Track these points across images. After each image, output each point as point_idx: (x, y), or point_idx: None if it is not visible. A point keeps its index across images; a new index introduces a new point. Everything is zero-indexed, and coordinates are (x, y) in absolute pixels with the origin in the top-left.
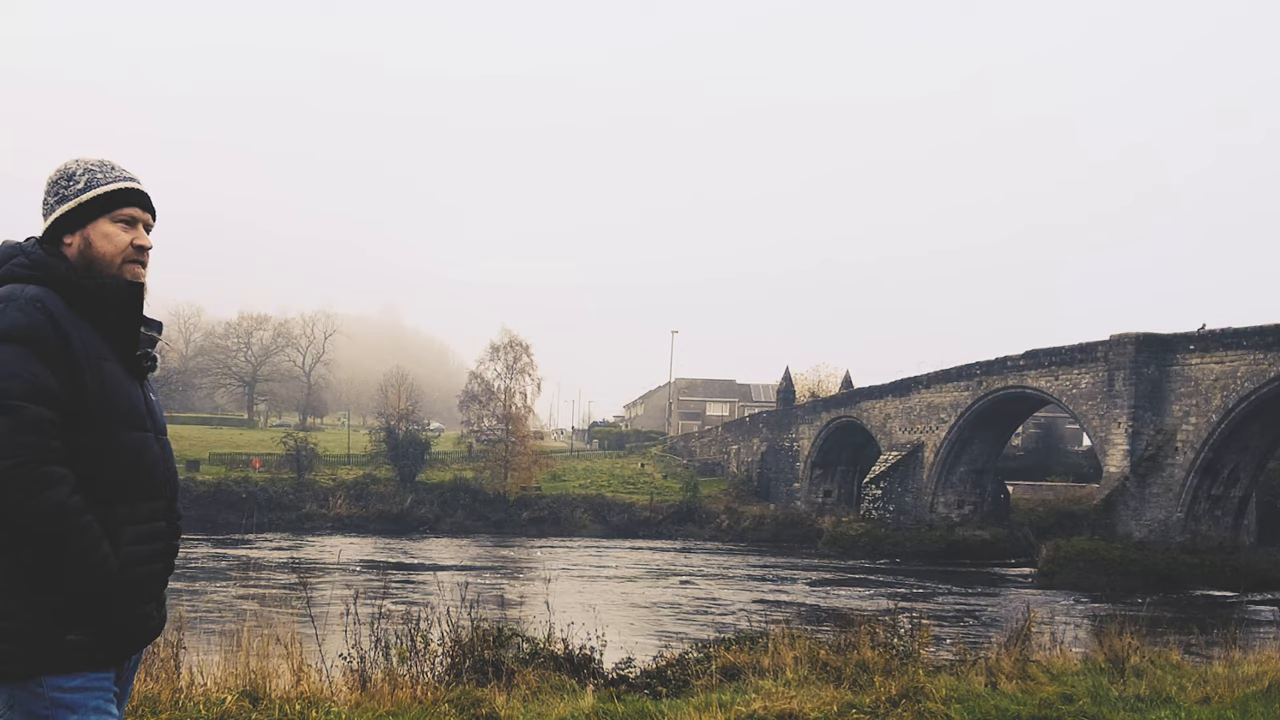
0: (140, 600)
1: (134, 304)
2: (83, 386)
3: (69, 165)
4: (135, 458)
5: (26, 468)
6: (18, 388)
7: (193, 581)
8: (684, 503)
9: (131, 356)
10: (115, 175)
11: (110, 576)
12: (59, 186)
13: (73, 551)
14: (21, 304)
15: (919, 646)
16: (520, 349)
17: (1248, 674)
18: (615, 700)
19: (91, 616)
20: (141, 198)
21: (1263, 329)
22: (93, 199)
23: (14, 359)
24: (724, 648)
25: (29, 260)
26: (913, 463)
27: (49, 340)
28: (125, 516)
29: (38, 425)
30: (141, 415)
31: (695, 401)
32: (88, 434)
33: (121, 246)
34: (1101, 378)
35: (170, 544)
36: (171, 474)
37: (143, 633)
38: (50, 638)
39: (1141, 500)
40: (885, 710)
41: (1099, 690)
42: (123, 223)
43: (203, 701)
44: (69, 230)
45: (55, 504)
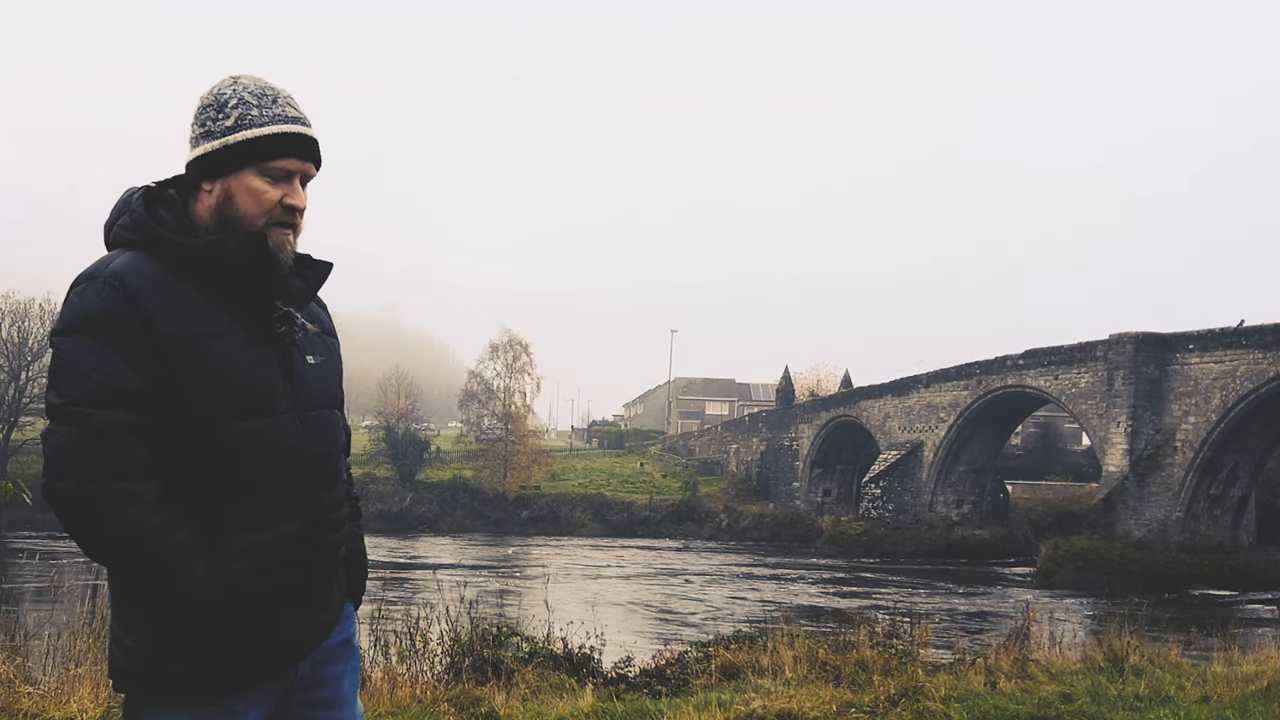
0: (265, 619)
1: (251, 262)
2: (176, 375)
3: (222, 89)
4: (252, 452)
5: (92, 487)
6: (84, 389)
7: None
8: (683, 502)
9: (262, 321)
10: (275, 114)
11: (208, 601)
12: (205, 116)
13: (155, 580)
14: (99, 285)
15: (918, 646)
16: (520, 348)
17: (1247, 673)
18: (615, 699)
19: (199, 644)
20: (304, 145)
21: (1262, 329)
22: (241, 144)
23: (81, 354)
24: (723, 647)
25: (130, 220)
26: (912, 462)
27: (124, 326)
28: (239, 523)
29: (108, 434)
30: (269, 395)
31: (694, 401)
32: (187, 430)
33: (267, 205)
34: (1101, 377)
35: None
36: (320, 458)
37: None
38: (160, 664)
39: (1141, 500)
40: (884, 709)
41: (1098, 689)
42: (275, 175)
43: None
44: (209, 175)
45: (129, 528)
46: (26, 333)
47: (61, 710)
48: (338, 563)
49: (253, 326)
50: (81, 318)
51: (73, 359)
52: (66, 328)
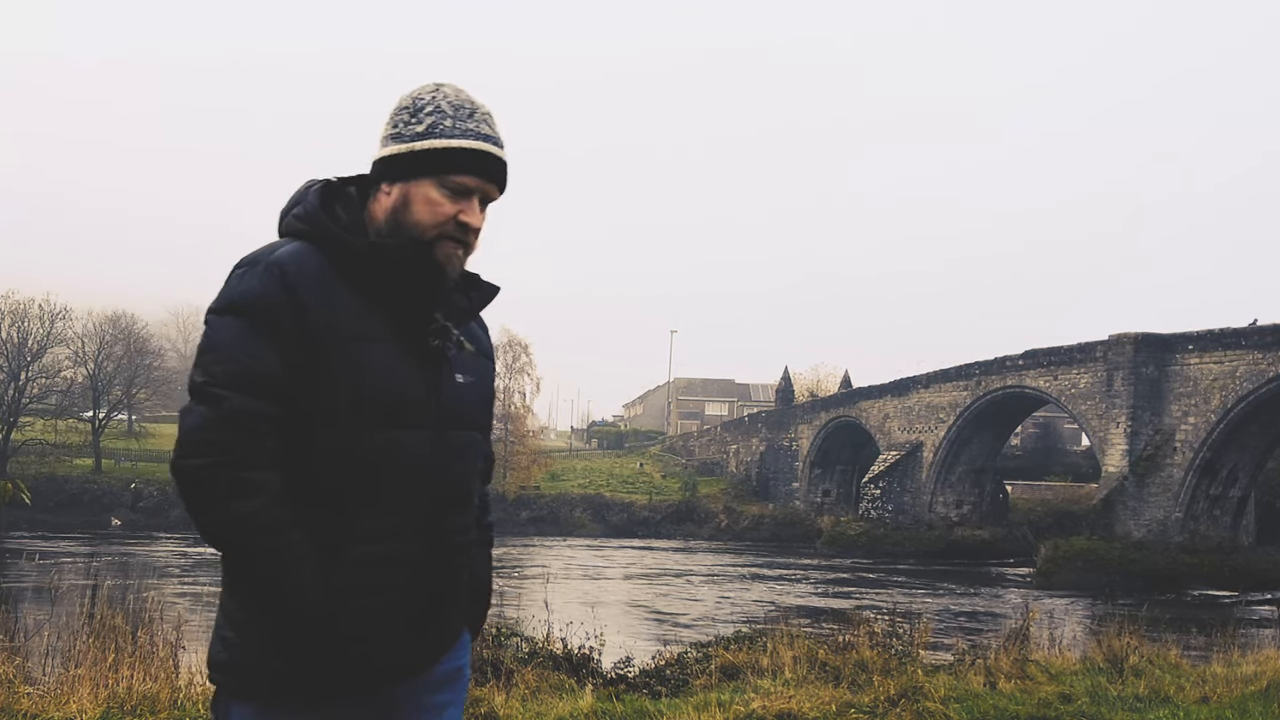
0: (369, 635)
1: (420, 272)
2: (319, 372)
3: (421, 95)
4: (383, 462)
5: (217, 470)
6: (227, 371)
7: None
8: (683, 502)
9: (416, 333)
10: (467, 129)
11: (309, 607)
12: (399, 118)
13: (264, 576)
14: (261, 270)
15: (917, 646)
16: (519, 348)
17: (1246, 674)
18: (614, 700)
19: (298, 646)
20: (490, 165)
21: (1262, 329)
22: (425, 152)
23: (229, 336)
24: (723, 647)
25: (303, 211)
26: (911, 462)
27: (278, 314)
28: (357, 533)
29: (241, 419)
30: (409, 408)
31: (694, 401)
32: (320, 430)
33: (441, 219)
34: (1100, 377)
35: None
36: (456, 479)
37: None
38: (257, 660)
39: (1140, 500)
40: (884, 710)
41: (1098, 690)
42: (454, 189)
43: (202, 701)
44: (390, 178)
45: (243, 517)
46: (26, 333)
47: (61, 710)
48: (460, 587)
49: (406, 336)
50: (237, 299)
51: (221, 339)
52: (221, 307)
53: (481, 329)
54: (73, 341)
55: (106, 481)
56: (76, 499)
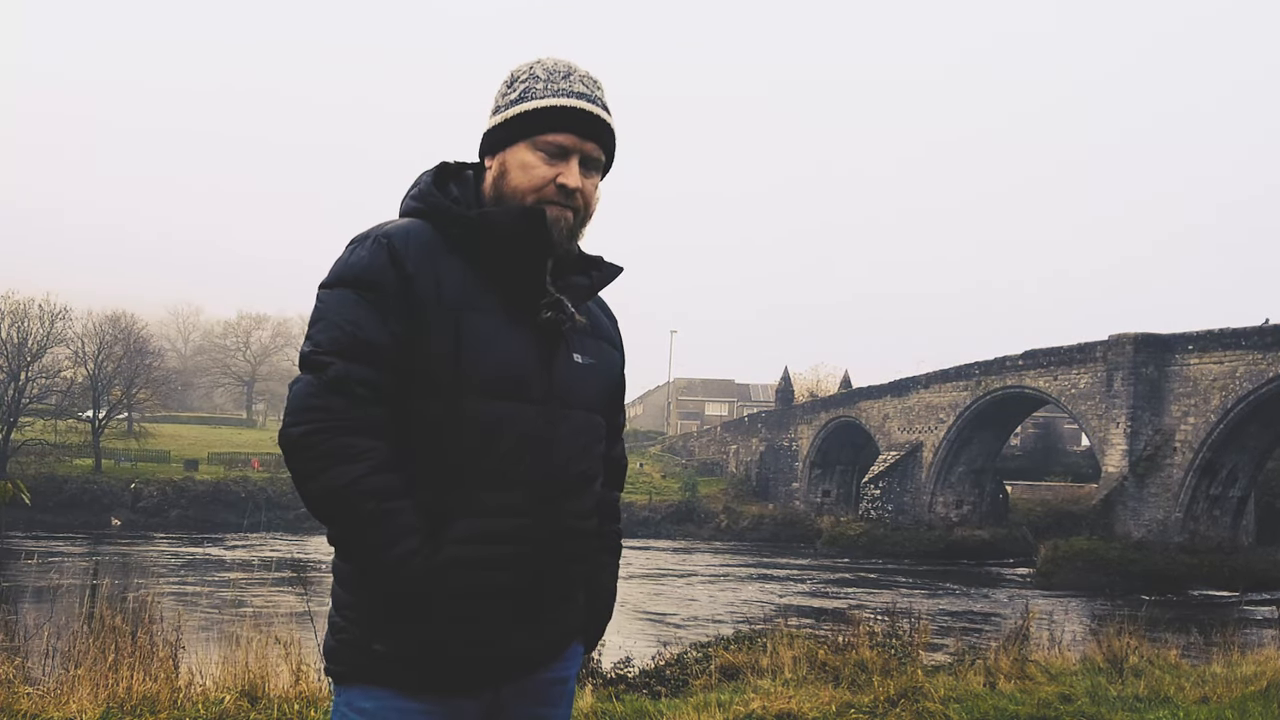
0: (475, 615)
1: (525, 237)
2: (426, 342)
3: (519, 68)
4: (490, 433)
5: (319, 436)
6: (333, 340)
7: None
8: (682, 502)
9: (529, 305)
10: (559, 89)
11: (413, 578)
12: (499, 92)
13: (367, 544)
14: (370, 242)
15: (917, 646)
16: None
17: (1246, 674)
18: (614, 700)
19: (403, 624)
20: (584, 121)
21: (1261, 329)
22: (517, 116)
23: (339, 305)
24: (722, 647)
25: (417, 190)
26: (911, 463)
27: (385, 284)
28: (464, 506)
29: (344, 385)
30: (520, 381)
31: (694, 401)
32: (427, 400)
33: (538, 183)
34: (1100, 378)
35: (545, 548)
36: (569, 457)
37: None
38: (362, 642)
39: (1140, 500)
40: (884, 710)
41: (1097, 690)
42: (548, 150)
43: (201, 701)
44: (491, 150)
45: (346, 484)
46: (26, 333)
47: (61, 710)
48: (574, 583)
49: (519, 308)
50: (344, 271)
51: (328, 309)
52: (330, 280)
53: (608, 317)
54: (73, 341)
55: (106, 481)
56: (76, 499)
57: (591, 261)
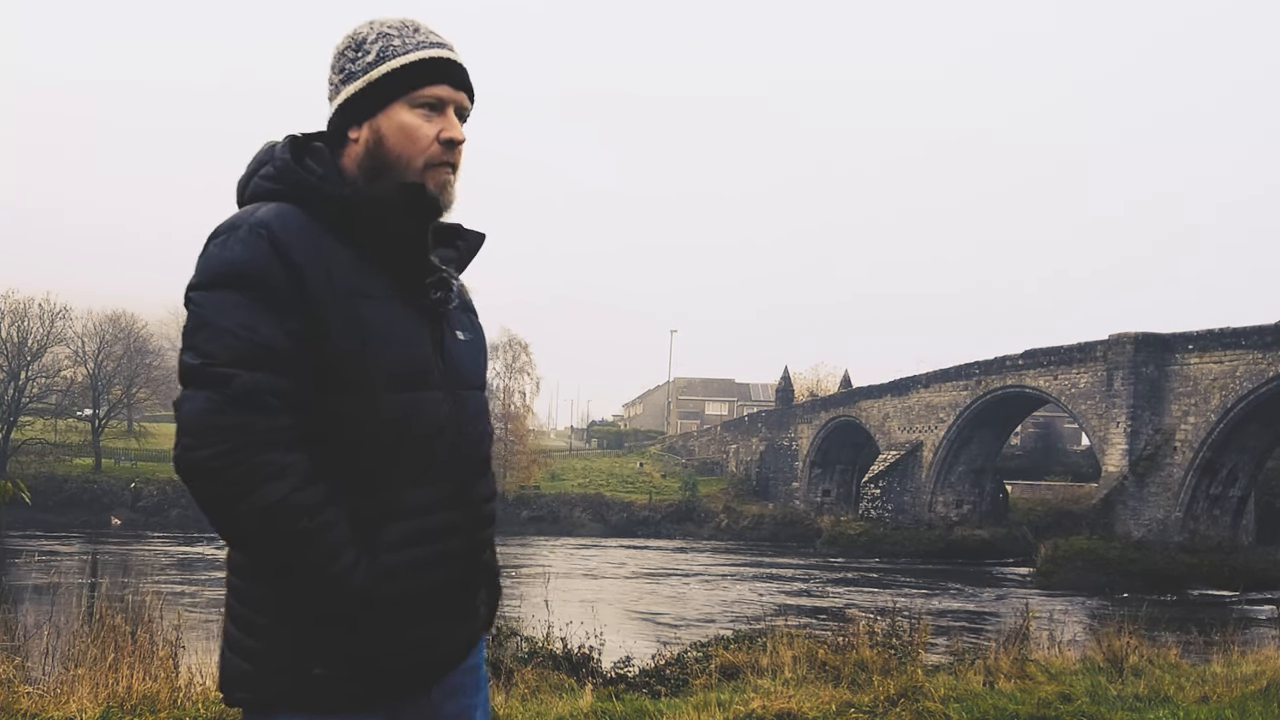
0: (416, 621)
1: (410, 216)
2: (326, 337)
3: (360, 30)
4: (404, 428)
5: (234, 457)
6: (227, 349)
7: (192, 581)
8: (683, 502)
9: (414, 287)
10: (419, 41)
11: (356, 595)
12: (344, 60)
13: (302, 565)
14: (243, 233)
15: (917, 646)
16: (519, 348)
17: (1246, 673)
18: (614, 699)
19: (343, 645)
20: (455, 71)
21: (1262, 329)
22: (386, 75)
23: (225, 309)
24: (722, 647)
25: (274, 169)
26: (911, 462)
27: (273, 280)
28: (390, 509)
29: (253, 399)
30: (423, 368)
31: (694, 401)
32: (333, 400)
33: (424, 143)
34: (1100, 377)
35: (468, 541)
36: (473, 442)
37: (427, 661)
38: (294, 667)
39: (1140, 500)
40: (883, 709)
41: (1097, 689)
42: (426, 108)
43: (201, 700)
44: (355, 121)
45: (273, 504)
46: (26, 332)
47: (61, 710)
48: (488, 570)
49: (406, 291)
50: (224, 269)
51: (213, 315)
52: (206, 281)
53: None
54: (73, 341)
55: (106, 481)
56: (76, 498)
57: (454, 230)
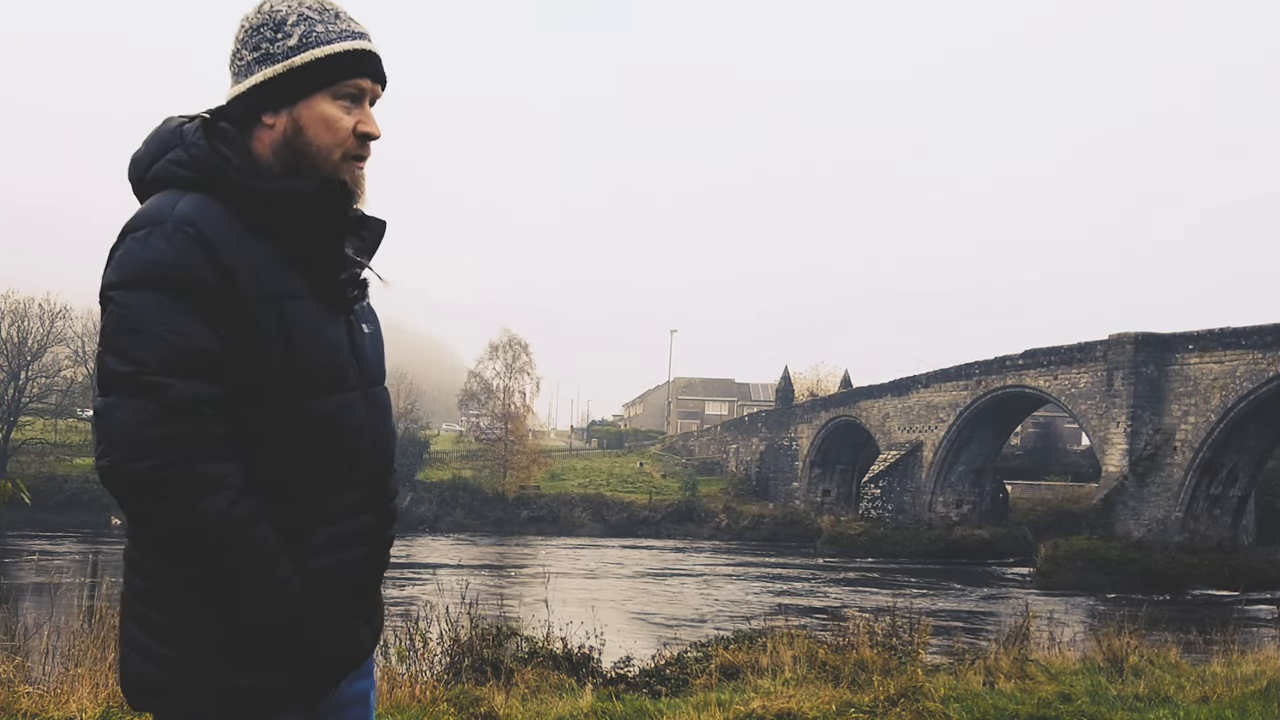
0: (338, 623)
1: (335, 215)
2: (255, 341)
3: (275, 6)
4: (331, 433)
5: (172, 469)
6: (161, 355)
7: None
8: (683, 502)
9: (332, 284)
10: (343, 29)
11: (292, 605)
12: (260, 37)
13: (240, 579)
14: (169, 230)
15: (917, 646)
16: (519, 348)
17: (1246, 673)
18: (614, 699)
19: (269, 654)
20: (375, 63)
21: (1261, 329)
22: (313, 63)
23: (155, 312)
24: (722, 647)
25: (188, 156)
26: (911, 462)
27: (204, 281)
28: (315, 515)
29: (188, 408)
30: (342, 369)
31: (694, 401)
32: (262, 406)
33: (342, 136)
34: (1100, 377)
35: (380, 540)
36: (384, 441)
37: (343, 661)
38: (214, 676)
39: (1140, 500)
40: (883, 709)
41: (1097, 689)
42: (347, 99)
43: None
44: (272, 106)
45: (213, 518)
46: (26, 332)
47: (61, 710)
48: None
49: (324, 289)
50: (150, 268)
51: (141, 318)
52: (130, 280)
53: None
54: (73, 340)
55: None
56: (76, 498)
57: (358, 220)
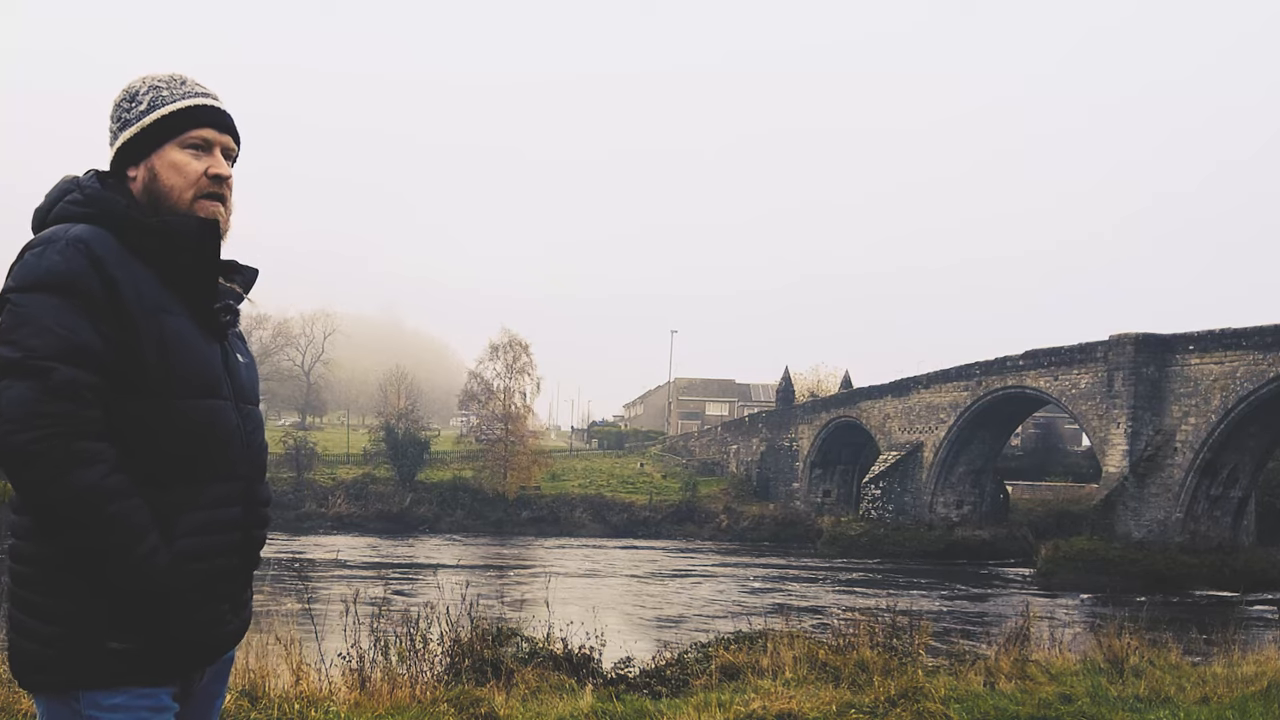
0: (205, 602)
1: (206, 245)
2: (134, 344)
3: (133, 85)
4: (202, 430)
5: (53, 442)
6: (49, 345)
7: None
8: (683, 502)
9: (207, 309)
10: (185, 91)
11: (158, 574)
12: (120, 110)
13: (111, 544)
14: (61, 246)
15: (918, 646)
16: (520, 348)
17: (1246, 674)
18: (614, 700)
19: (138, 621)
20: (217, 116)
21: (1262, 329)
22: (157, 121)
23: (46, 310)
24: (723, 647)
25: (83, 195)
26: (912, 463)
27: (91, 288)
28: (185, 501)
29: (71, 390)
30: (215, 379)
31: (694, 401)
32: (140, 401)
33: (193, 178)
34: (1101, 378)
35: (250, 534)
36: (256, 450)
37: (210, 640)
38: (91, 645)
39: (1140, 500)
40: (884, 710)
41: (1098, 690)
42: (194, 148)
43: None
44: (133, 161)
45: (87, 487)
46: None
47: None
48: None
49: (198, 312)
50: (45, 276)
51: (34, 314)
52: (26, 285)
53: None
54: None
55: None
56: None
57: (231, 265)
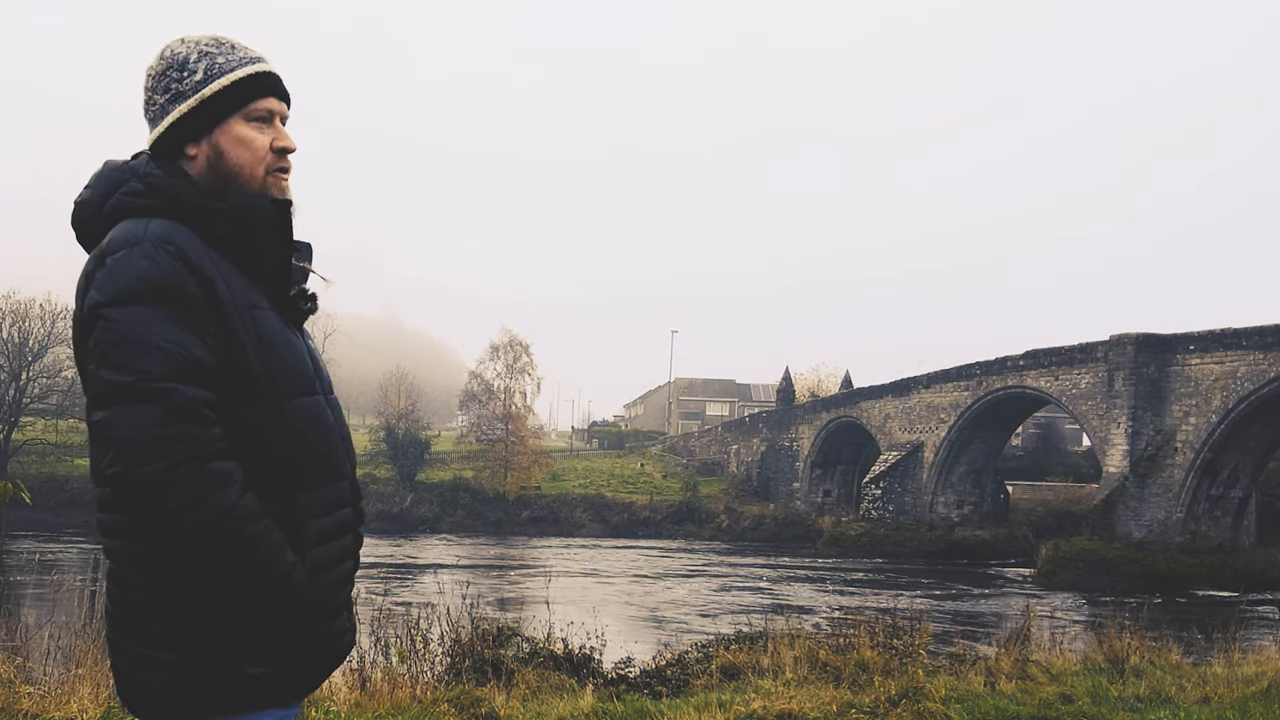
0: (334, 612)
1: (283, 229)
2: (239, 348)
3: (177, 50)
4: (311, 431)
5: (184, 469)
6: (160, 364)
7: None
8: (683, 502)
9: (285, 298)
10: (241, 57)
11: (299, 591)
12: (168, 80)
13: (251, 567)
14: (148, 248)
15: (918, 646)
16: (520, 349)
17: (1247, 674)
18: (615, 700)
19: (278, 642)
20: (278, 83)
21: (1262, 329)
22: (220, 91)
23: (147, 324)
24: (723, 647)
25: (145, 185)
26: (912, 463)
27: (188, 293)
28: (307, 509)
29: (193, 410)
30: (309, 375)
31: (695, 401)
32: (249, 409)
33: (261, 153)
34: (1101, 378)
35: (358, 535)
36: (349, 442)
37: (338, 651)
38: (223, 671)
39: (1141, 500)
40: (884, 710)
41: (1098, 690)
42: (259, 120)
43: None
44: (191, 138)
45: (225, 511)
46: (27, 333)
47: (61, 710)
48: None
49: (279, 302)
50: (136, 284)
51: (136, 330)
52: (119, 297)
53: None
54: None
55: None
56: (77, 499)
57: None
